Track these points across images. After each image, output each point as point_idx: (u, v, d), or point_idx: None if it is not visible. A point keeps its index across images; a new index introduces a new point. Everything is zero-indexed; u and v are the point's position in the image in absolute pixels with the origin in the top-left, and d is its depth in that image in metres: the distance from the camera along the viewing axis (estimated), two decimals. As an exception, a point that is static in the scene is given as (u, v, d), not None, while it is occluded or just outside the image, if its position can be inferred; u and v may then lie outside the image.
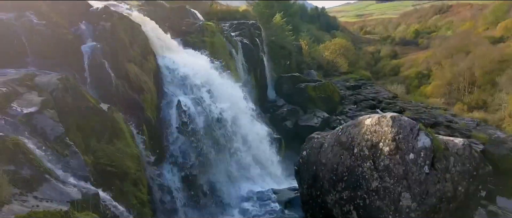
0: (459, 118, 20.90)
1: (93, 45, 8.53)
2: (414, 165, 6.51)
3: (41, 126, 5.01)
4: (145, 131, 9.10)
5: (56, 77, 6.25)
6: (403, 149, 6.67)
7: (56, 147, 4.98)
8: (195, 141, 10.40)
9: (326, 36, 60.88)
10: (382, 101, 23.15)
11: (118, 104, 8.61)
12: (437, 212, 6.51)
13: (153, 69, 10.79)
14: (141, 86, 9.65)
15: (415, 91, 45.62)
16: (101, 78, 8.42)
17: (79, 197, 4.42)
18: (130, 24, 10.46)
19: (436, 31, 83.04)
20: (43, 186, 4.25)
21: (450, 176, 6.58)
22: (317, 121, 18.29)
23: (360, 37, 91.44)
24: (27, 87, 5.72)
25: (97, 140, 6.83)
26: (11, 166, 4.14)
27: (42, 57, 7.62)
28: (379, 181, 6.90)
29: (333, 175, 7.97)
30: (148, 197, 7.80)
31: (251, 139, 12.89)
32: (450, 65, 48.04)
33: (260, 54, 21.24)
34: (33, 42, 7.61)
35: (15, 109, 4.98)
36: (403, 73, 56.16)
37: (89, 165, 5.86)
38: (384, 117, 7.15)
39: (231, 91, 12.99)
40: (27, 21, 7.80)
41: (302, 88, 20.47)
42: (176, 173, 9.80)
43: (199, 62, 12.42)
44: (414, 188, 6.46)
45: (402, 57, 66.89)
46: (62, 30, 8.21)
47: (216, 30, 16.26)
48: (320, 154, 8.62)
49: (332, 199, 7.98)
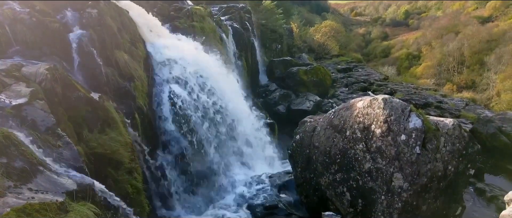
0: (449, 98, 21.27)
1: (80, 33, 8.31)
2: (406, 146, 6.63)
3: (31, 117, 4.92)
4: (137, 119, 9.04)
5: (44, 67, 6.11)
6: (395, 130, 6.77)
7: (48, 138, 4.91)
8: (187, 127, 10.38)
9: (317, 18, 60.54)
10: (373, 83, 23.33)
11: (108, 93, 8.49)
12: (428, 191, 6.68)
13: (143, 56, 10.62)
14: (131, 74, 9.51)
15: (406, 72, 46.07)
16: (90, 67, 8.26)
17: (74, 188, 4.40)
18: (118, 10, 10.22)
19: (426, 12, 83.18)
20: (37, 177, 4.21)
21: (441, 156, 6.73)
22: (309, 105, 18.40)
23: (350, 19, 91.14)
24: (14, 78, 5.58)
25: (89, 129, 6.76)
26: (3, 159, 4.08)
27: (28, 47, 7.41)
28: (371, 163, 7.02)
29: (326, 158, 8.08)
30: (143, 185, 7.82)
31: (244, 124, 12.92)
32: (440, 46, 48.44)
33: (251, 38, 21.08)
34: (17, 31, 7.38)
35: (3, 101, 4.87)
36: (393, 55, 56.52)
37: (82, 155, 5.82)
38: (376, 100, 7.21)
39: (222, 77, 12.92)
40: (9, 9, 7.53)
41: (294, 72, 20.47)
42: (170, 160, 9.82)
43: (189, 48, 12.27)
44: (406, 168, 6.60)
45: (393, 38, 67.14)
46: (47, 18, 7.97)
47: (205, 15, 16.01)
48: (313, 137, 8.70)
49: (326, 181, 8.12)
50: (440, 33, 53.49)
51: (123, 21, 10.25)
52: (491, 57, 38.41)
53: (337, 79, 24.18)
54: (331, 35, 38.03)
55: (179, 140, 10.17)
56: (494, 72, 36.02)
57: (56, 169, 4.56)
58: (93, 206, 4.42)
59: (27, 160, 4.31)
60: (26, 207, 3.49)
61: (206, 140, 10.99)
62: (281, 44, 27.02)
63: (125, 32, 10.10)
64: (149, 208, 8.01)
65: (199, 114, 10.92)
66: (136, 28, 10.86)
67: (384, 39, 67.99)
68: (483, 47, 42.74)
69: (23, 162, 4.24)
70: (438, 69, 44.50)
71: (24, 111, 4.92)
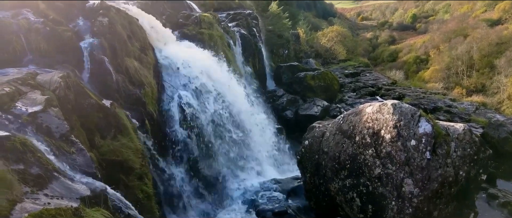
0: (458, 103, 21.02)
1: (91, 41, 8.50)
2: (416, 151, 6.59)
3: (46, 124, 5.04)
4: (148, 125, 9.15)
5: (58, 75, 6.26)
6: (405, 136, 6.74)
7: (62, 144, 5.02)
8: (196, 133, 10.46)
9: (323, 23, 60.56)
10: (381, 87, 23.18)
11: (119, 100, 8.63)
12: (439, 197, 6.62)
13: (152, 63, 10.77)
14: (141, 81, 9.66)
15: (414, 76, 45.67)
16: (101, 74, 8.42)
17: (88, 193, 4.49)
18: (128, 18, 10.42)
19: (434, 15, 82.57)
20: (53, 183, 4.31)
21: (451, 161, 6.67)
22: (317, 110, 18.35)
23: (357, 24, 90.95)
24: (30, 86, 5.73)
25: (101, 136, 6.87)
26: (20, 165, 4.19)
27: (41, 55, 7.60)
28: (381, 168, 6.99)
29: (336, 163, 8.06)
30: (153, 191, 7.89)
31: (252, 129, 12.96)
32: (448, 49, 48.00)
33: (258, 44, 21.18)
34: (32, 41, 7.57)
35: (20, 109, 5.00)
36: (401, 59, 56.11)
37: (95, 162, 5.92)
38: (385, 105, 7.20)
39: (230, 82, 13.01)
40: (24, 19, 7.76)
41: (301, 77, 20.46)
42: (180, 165, 9.90)
43: (197, 54, 12.41)
44: (416, 174, 6.56)
45: (400, 42, 66.75)
46: (60, 27, 8.17)
47: (213, 21, 16.17)
48: (322, 143, 8.70)
49: (335, 187, 8.10)
50: (448, 36, 53.01)
51: (133, 29, 10.44)
52: (501, 60, 37.88)
53: (344, 84, 24.09)
54: (338, 40, 38.00)
55: (189, 145, 10.25)
56: (504, 75, 35.52)
57: (70, 175, 4.65)
58: (107, 211, 4.49)
59: (42, 166, 4.42)
60: (42, 213, 3.57)
61: (215, 145, 11.06)
62: (288, 50, 27.09)
63: (135, 39, 10.28)
64: (159, 213, 8.08)
65: (208, 119, 11.00)
66: (145, 35, 11.04)
67: (391, 43, 67.63)
68: (492, 50, 42.24)
69: (39, 168, 4.34)
70: (447, 72, 44.02)
71: (39, 118, 5.04)
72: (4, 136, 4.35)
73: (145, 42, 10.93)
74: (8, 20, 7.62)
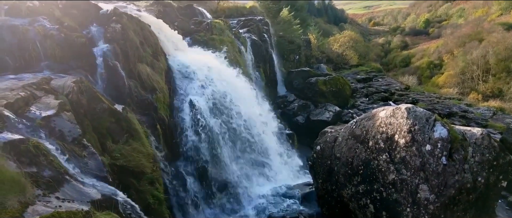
0: (474, 108, 20.49)
1: (104, 47, 8.63)
2: (431, 157, 6.40)
3: (59, 128, 5.10)
4: (159, 130, 9.19)
5: (71, 80, 6.35)
6: (419, 140, 6.57)
7: (74, 148, 5.07)
8: (208, 138, 10.45)
9: (334, 29, 60.34)
10: (394, 93, 22.84)
11: (131, 105, 8.71)
12: (457, 204, 6.40)
13: (164, 69, 10.86)
14: (153, 86, 9.73)
15: (427, 81, 44.91)
16: (113, 80, 8.52)
17: (98, 197, 4.50)
18: (140, 25, 10.54)
19: (447, 20, 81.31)
20: (64, 186, 4.34)
21: (469, 167, 6.46)
22: (329, 115, 18.18)
23: (369, 29, 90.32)
24: (44, 90, 5.82)
25: (113, 140, 6.92)
26: (33, 168, 4.23)
27: (56, 61, 7.74)
28: (395, 174, 6.82)
29: (348, 169, 7.91)
30: (164, 195, 7.88)
31: (264, 135, 12.88)
32: (463, 54, 47.11)
33: (269, 49, 21.20)
34: (47, 47, 7.73)
35: (34, 113, 5.08)
36: (414, 64, 55.31)
37: (106, 166, 5.95)
38: (399, 109, 7.05)
39: (241, 87, 13.00)
40: (40, 26, 7.93)
41: (313, 82, 20.35)
42: (191, 170, 9.89)
43: (208, 60, 12.46)
44: (432, 179, 6.37)
45: (413, 47, 65.88)
46: (74, 33, 8.32)
47: (224, 28, 16.27)
48: (334, 148, 8.56)
49: (348, 193, 7.93)
50: (462, 41, 52.05)
51: (145, 35, 10.56)
52: (519, 65, 36.94)
53: (356, 89, 23.83)
54: (349, 45, 37.73)
55: (200, 150, 10.24)
56: (522, 80, 34.57)
57: (81, 178, 4.67)
58: (117, 215, 4.48)
59: (55, 169, 4.45)
60: (54, 215, 3.59)
61: (226, 150, 11.02)
62: (299, 55, 27.02)
63: (147, 45, 10.39)
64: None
65: (219, 124, 10.99)
66: (157, 41, 11.15)
67: (404, 48, 66.80)
68: (509, 54, 41.19)
69: (51, 172, 4.38)
70: (462, 77, 43.13)
71: (52, 122, 5.10)
72: (18, 139, 4.41)
73: (157, 48, 11.04)
74: (25, 27, 7.81)
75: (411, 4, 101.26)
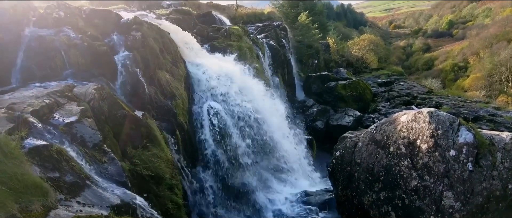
0: (504, 111, 19.57)
1: (125, 55, 8.85)
2: (456, 163, 6.15)
3: (80, 134, 5.24)
4: (178, 136, 9.30)
5: (93, 87, 6.54)
6: (443, 145, 6.33)
7: (95, 154, 5.19)
8: (226, 143, 10.48)
9: (354, 32, 59.62)
10: (417, 96, 22.21)
11: (151, 111, 8.87)
12: (485, 213, 6.10)
13: (183, 75, 11.02)
14: (172, 92, 9.88)
15: (452, 85, 43.52)
16: (134, 86, 8.71)
17: (118, 202, 4.57)
18: (160, 32, 10.77)
19: (472, 20, 78.67)
20: (85, 191, 4.43)
21: (498, 173, 6.15)
22: (349, 120, 17.88)
23: (389, 32, 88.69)
24: (67, 98, 6.02)
25: (133, 146, 7.04)
26: (56, 173, 4.35)
27: (79, 69, 8.00)
28: (418, 180, 6.59)
29: (369, 175, 7.72)
30: (183, 201, 7.94)
31: (282, 140, 12.80)
32: (490, 55, 45.39)
33: (287, 54, 21.16)
34: (71, 55, 8.01)
35: (57, 119, 5.25)
36: (437, 67, 53.77)
37: (126, 171, 6.06)
38: (421, 113, 6.83)
39: (259, 92, 13.00)
40: (65, 36, 8.24)
41: (332, 87, 20.11)
42: (209, 175, 9.93)
43: (226, 66, 12.54)
44: (457, 186, 6.10)
45: (436, 50, 64.11)
46: (96, 42, 8.59)
47: (242, 34, 16.38)
48: (354, 153, 8.38)
49: (369, 200, 7.73)
50: (489, 42, 50.16)
51: (165, 42, 10.77)
52: (551, 65, 35.19)
53: (377, 93, 23.34)
54: (369, 49, 37.11)
55: (218, 156, 10.28)
56: (555, 82, 32.88)
57: (101, 183, 4.77)
58: (135, 220, 4.54)
59: (76, 175, 4.57)
60: (74, 220, 3.67)
61: (245, 156, 11.01)
62: (318, 59, 26.83)
63: (166, 52, 10.59)
64: (188, 224, 8.10)
65: (237, 130, 11.01)
66: (177, 48, 11.35)
67: (426, 51, 65.09)
68: (541, 54, 39.36)
69: (73, 177, 4.49)
70: (489, 80, 41.50)
71: (74, 128, 5.25)
72: (42, 145, 4.56)
73: (177, 55, 11.23)
74: (51, 37, 8.14)
75: (433, 5, 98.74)
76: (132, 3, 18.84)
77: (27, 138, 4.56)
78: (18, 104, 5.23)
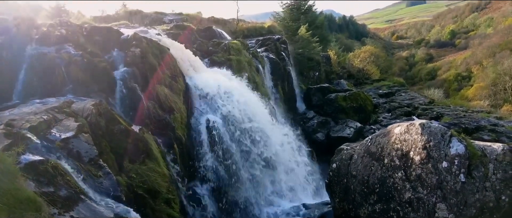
0: (506, 121, 19.43)
1: (124, 70, 9.08)
2: (448, 174, 6.18)
3: (76, 149, 5.39)
4: (176, 149, 9.41)
5: (90, 103, 6.72)
6: (435, 157, 6.37)
7: (90, 168, 5.32)
8: (224, 157, 10.56)
9: (356, 44, 59.94)
10: (418, 107, 22.17)
11: (150, 125, 9.02)
12: (478, 224, 6.09)
13: (182, 89, 11.20)
14: (171, 107, 10.04)
15: (455, 94, 43.36)
16: (133, 101, 8.90)
17: (111, 216, 4.67)
18: (159, 48, 11.02)
19: (475, 30, 78.76)
20: (79, 206, 4.54)
21: (491, 184, 6.16)
22: (350, 132, 17.87)
23: (392, 43, 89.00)
24: (65, 113, 6.19)
25: (130, 160, 7.17)
26: (51, 188, 4.48)
27: (79, 85, 8.22)
28: (412, 192, 6.61)
29: (365, 187, 7.74)
30: (180, 215, 7.99)
31: (281, 152, 12.84)
32: (494, 64, 45.29)
33: (287, 67, 21.34)
34: (71, 72, 8.25)
35: (54, 135, 5.41)
36: (440, 77, 53.70)
37: (122, 185, 6.16)
38: (413, 125, 6.89)
39: (258, 107, 13.12)
40: (66, 53, 8.50)
41: (332, 98, 20.18)
42: (207, 189, 9.98)
43: (225, 80, 12.72)
44: (450, 198, 6.12)
45: (439, 60, 64.13)
46: (96, 58, 8.83)
47: (241, 48, 16.62)
48: (350, 166, 8.42)
49: (365, 212, 7.73)
50: (492, 51, 50.14)
51: (164, 57, 11.00)
52: (555, 74, 34.99)
53: (379, 104, 23.35)
54: (371, 60, 37.27)
55: (217, 169, 10.35)
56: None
57: (95, 198, 4.88)
58: (128, 234, 4.62)
59: (71, 189, 4.69)
60: (66, 234, 3.76)
61: (243, 169, 11.06)
62: (319, 72, 26.98)
63: (166, 67, 10.80)
64: (185, 238, 8.13)
65: (236, 144, 11.09)
66: (176, 63, 11.56)
67: (429, 61, 65.11)
68: (544, 63, 39.21)
69: (67, 191, 4.61)
70: (493, 89, 41.28)
71: (70, 143, 5.40)
72: (38, 160, 4.71)
73: (176, 70, 11.44)
74: (52, 54, 8.40)
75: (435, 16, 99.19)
76: (134, 19, 19.29)
77: (24, 154, 4.71)
78: (17, 121, 5.41)
